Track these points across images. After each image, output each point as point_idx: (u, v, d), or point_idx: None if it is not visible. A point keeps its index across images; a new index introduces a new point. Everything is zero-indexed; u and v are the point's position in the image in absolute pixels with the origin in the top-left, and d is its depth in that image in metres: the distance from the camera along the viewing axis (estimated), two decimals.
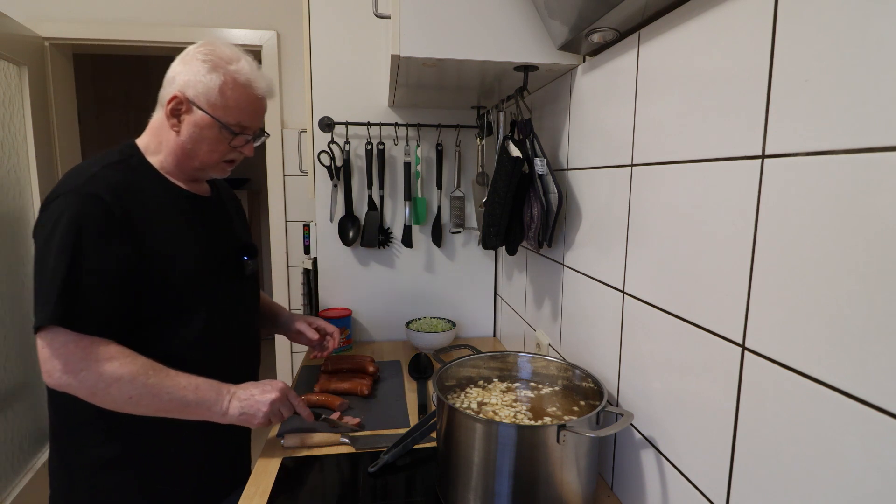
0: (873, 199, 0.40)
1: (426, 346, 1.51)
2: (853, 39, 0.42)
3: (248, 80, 0.89)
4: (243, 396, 0.88)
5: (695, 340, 0.64)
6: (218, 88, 0.87)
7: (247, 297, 1.04)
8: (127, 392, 0.79)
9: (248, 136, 0.94)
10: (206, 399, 0.84)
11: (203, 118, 0.88)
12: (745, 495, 0.55)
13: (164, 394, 0.81)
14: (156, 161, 0.92)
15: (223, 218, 1.02)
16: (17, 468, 1.79)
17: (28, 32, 1.94)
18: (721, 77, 0.58)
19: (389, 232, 1.61)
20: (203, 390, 0.84)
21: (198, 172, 0.95)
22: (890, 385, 0.39)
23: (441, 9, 0.90)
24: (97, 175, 0.83)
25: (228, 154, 0.93)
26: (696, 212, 0.63)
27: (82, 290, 0.77)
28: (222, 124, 0.88)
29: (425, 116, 1.55)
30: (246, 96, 0.90)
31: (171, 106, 0.87)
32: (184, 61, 0.88)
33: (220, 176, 0.98)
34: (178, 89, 0.87)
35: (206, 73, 0.86)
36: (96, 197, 0.80)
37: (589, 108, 0.94)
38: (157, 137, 0.92)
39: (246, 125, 0.92)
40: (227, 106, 0.88)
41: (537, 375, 0.98)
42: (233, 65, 0.88)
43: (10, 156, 1.82)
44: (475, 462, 0.74)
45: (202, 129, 0.88)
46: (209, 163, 0.92)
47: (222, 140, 0.90)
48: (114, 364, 0.78)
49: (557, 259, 1.11)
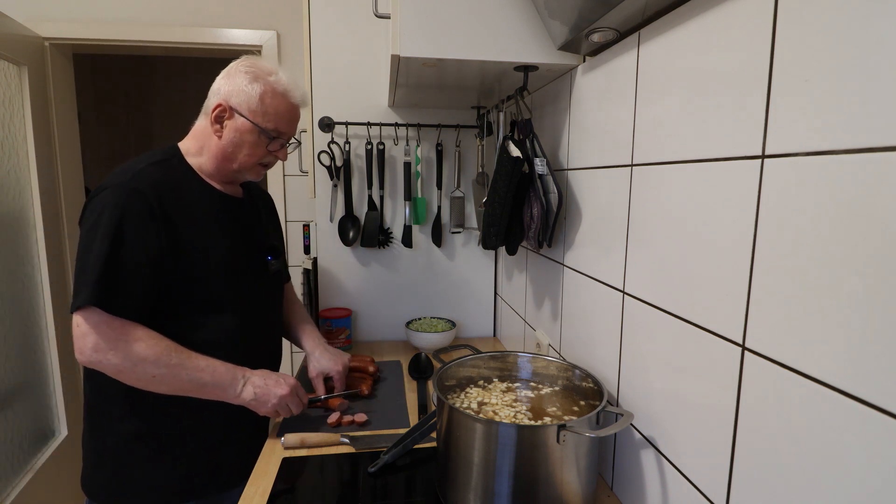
0: (873, 199, 0.40)
1: (426, 346, 1.51)
2: (853, 39, 0.42)
3: (285, 90, 0.98)
4: (258, 384, 0.95)
5: (695, 340, 0.64)
6: (258, 97, 0.96)
7: (270, 295, 1.12)
8: (151, 371, 0.86)
9: (283, 141, 1.02)
10: (222, 382, 0.92)
11: (244, 124, 0.96)
12: (745, 495, 0.55)
13: (184, 374, 0.88)
14: (195, 163, 1.00)
15: (253, 219, 1.10)
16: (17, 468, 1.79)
17: (28, 32, 1.94)
18: (721, 77, 0.58)
19: (389, 232, 1.61)
20: (219, 373, 0.91)
21: (235, 175, 1.02)
22: (890, 385, 0.39)
23: (441, 9, 0.90)
24: (141, 172, 0.91)
25: (265, 158, 1.01)
26: (696, 212, 0.63)
27: (120, 275, 0.85)
28: (261, 129, 0.97)
29: (425, 116, 1.55)
30: (283, 104, 0.98)
31: (216, 113, 0.96)
32: (228, 74, 0.98)
33: (254, 178, 1.06)
34: (223, 98, 0.96)
35: (248, 84, 0.96)
36: (138, 191, 0.88)
37: (589, 108, 0.94)
38: (200, 142, 1.01)
39: (282, 131, 1.00)
40: (266, 112, 0.97)
41: (537, 375, 0.98)
42: (272, 76, 0.97)
43: (10, 156, 1.82)
44: (475, 462, 0.74)
45: (242, 134, 0.97)
46: (246, 165, 1.00)
47: (260, 144, 0.99)
48: (140, 345, 0.85)
49: (557, 259, 1.11)
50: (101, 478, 0.96)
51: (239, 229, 1.04)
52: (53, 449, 1.96)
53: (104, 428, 0.96)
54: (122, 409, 0.94)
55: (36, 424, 1.93)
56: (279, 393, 0.95)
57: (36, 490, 1.82)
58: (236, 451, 1.03)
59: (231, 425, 1.02)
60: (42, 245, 1.95)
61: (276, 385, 0.96)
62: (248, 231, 1.07)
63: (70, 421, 2.08)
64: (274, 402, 0.95)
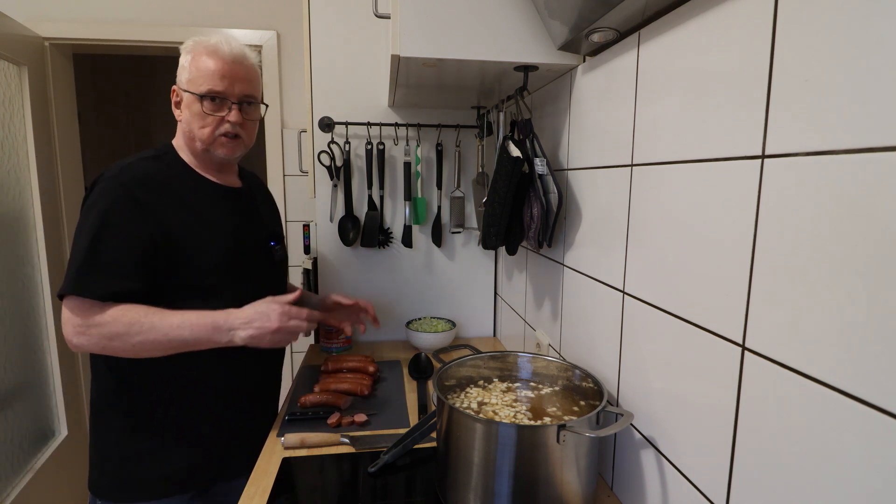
0: (873, 199, 0.40)
1: (426, 346, 1.51)
2: (853, 39, 0.42)
3: (213, 48, 0.96)
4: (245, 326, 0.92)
5: (695, 340, 0.64)
6: (188, 65, 0.96)
7: (275, 283, 1.12)
8: (129, 341, 0.87)
9: (228, 102, 0.98)
10: (203, 334, 0.91)
11: (187, 97, 0.97)
12: (745, 495, 0.55)
13: (162, 336, 0.88)
14: (186, 156, 1.02)
15: (252, 207, 1.10)
16: (17, 468, 1.79)
17: (28, 32, 1.94)
18: (721, 77, 0.58)
19: (389, 232, 1.61)
20: (198, 326, 0.90)
21: (208, 154, 1.01)
22: (890, 385, 0.39)
23: (441, 9, 0.90)
24: (129, 166, 0.94)
25: (220, 127, 0.98)
26: (697, 212, 0.63)
27: (99, 261, 0.87)
28: (196, 95, 0.96)
29: (425, 116, 1.55)
30: (211, 62, 0.96)
31: (174, 100, 0.99)
32: None
33: (225, 154, 1.01)
34: (176, 84, 0.99)
35: (183, 58, 0.97)
36: (124, 185, 0.90)
37: (589, 108, 0.94)
38: (179, 133, 1.03)
39: (218, 90, 0.96)
40: (197, 77, 0.96)
41: (537, 375, 0.98)
42: (202, 43, 0.97)
43: (10, 156, 1.82)
44: (475, 462, 0.74)
45: (188, 108, 0.97)
46: (206, 139, 0.98)
47: (203, 110, 0.97)
48: (108, 320, 0.87)
49: (557, 259, 1.11)
50: (107, 474, 0.97)
51: (239, 219, 1.05)
52: (53, 449, 1.96)
53: (108, 424, 0.97)
54: (124, 403, 0.95)
55: (36, 424, 1.93)
56: (272, 328, 0.93)
57: (36, 490, 1.82)
58: (243, 440, 1.04)
59: (237, 414, 1.03)
60: (42, 245, 1.95)
61: (266, 321, 0.93)
62: (248, 220, 1.07)
63: (70, 421, 2.08)
64: (269, 339, 0.93)
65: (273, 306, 0.95)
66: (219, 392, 1.00)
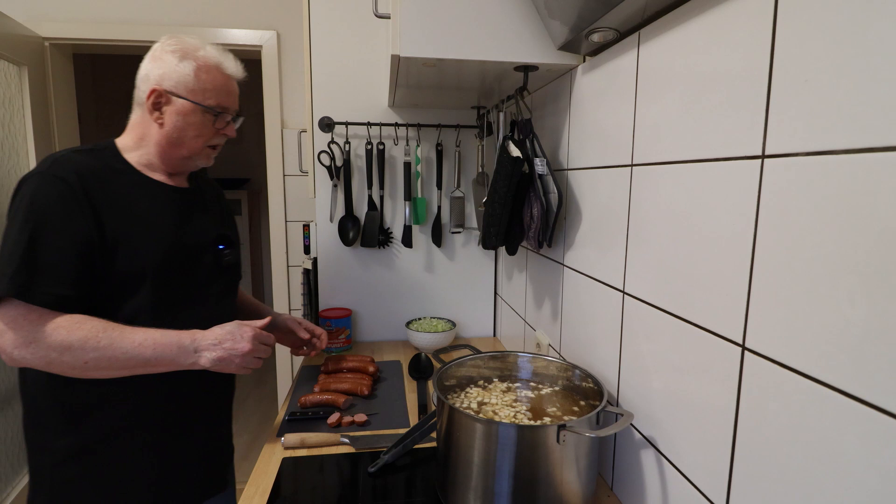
0: (873, 199, 0.40)
1: (426, 346, 1.51)
2: (853, 39, 0.42)
3: (217, 63, 0.94)
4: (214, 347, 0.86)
5: (695, 340, 0.64)
6: (193, 74, 0.91)
7: (223, 288, 1.03)
8: (81, 357, 0.80)
9: (227, 118, 0.97)
10: (166, 354, 0.84)
11: (185, 105, 0.92)
12: (745, 495, 0.55)
13: (121, 353, 0.81)
14: (134, 157, 0.94)
15: (200, 209, 1.02)
16: (17, 468, 1.79)
17: (28, 32, 1.94)
18: (721, 77, 0.58)
19: (389, 232, 1.61)
20: (161, 345, 0.84)
21: (185, 162, 0.97)
22: (890, 385, 0.39)
23: (441, 9, 0.90)
24: (62, 158, 0.87)
25: (212, 139, 0.97)
26: (696, 212, 0.63)
27: (40, 263, 0.80)
28: (204, 107, 0.93)
29: (425, 116, 1.55)
30: (219, 77, 0.94)
31: (152, 100, 0.91)
32: (153, 58, 0.92)
33: (205, 163, 1.00)
34: (155, 83, 0.90)
35: (179, 63, 0.91)
36: (59, 178, 0.83)
37: (589, 108, 0.94)
38: (137, 134, 0.95)
39: (225, 105, 0.96)
40: (204, 89, 0.92)
41: (537, 375, 0.98)
42: (201, 51, 0.93)
43: (10, 156, 1.82)
44: (475, 462, 0.74)
45: (185, 116, 0.92)
46: (195, 149, 0.95)
47: (206, 123, 0.94)
48: (61, 332, 0.79)
49: (557, 259, 1.11)
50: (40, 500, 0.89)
51: (183, 221, 0.97)
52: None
53: (40, 446, 0.89)
54: (57, 424, 0.87)
55: None
56: (243, 351, 0.87)
57: None
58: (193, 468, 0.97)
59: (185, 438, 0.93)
60: None
61: (237, 343, 0.87)
62: (194, 222, 0.99)
63: None
64: (238, 361, 0.87)
65: (245, 329, 0.89)
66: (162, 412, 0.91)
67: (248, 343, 0.88)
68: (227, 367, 0.87)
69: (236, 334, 0.88)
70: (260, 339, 0.90)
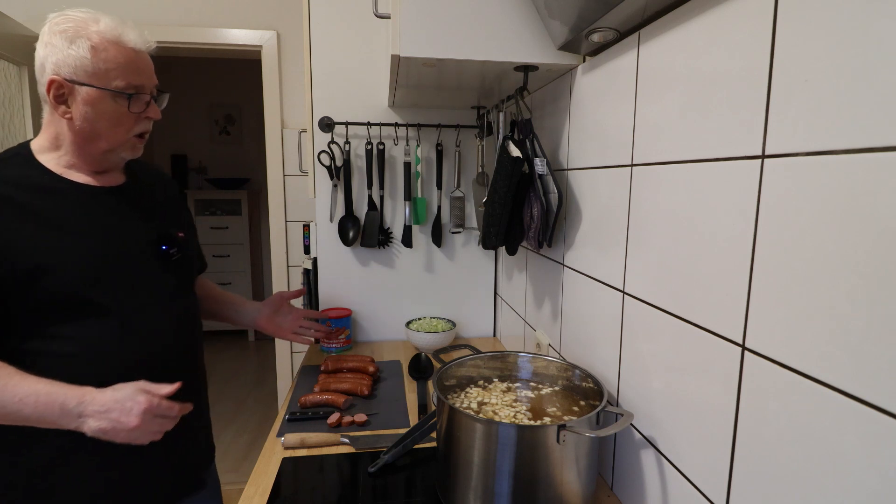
0: (873, 199, 0.40)
1: (426, 346, 1.51)
2: (853, 39, 0.42)
3: (116, 36, 0.81)
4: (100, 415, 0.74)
5: (695, 340, 0.64)
6: (90, 55, 0.78)
7: (175, 290, 0.94)
8: None
9: (145, 98, 0.85)
10: (48, 415, 0.73)
11: (90, 93, 0.80)
12: (745, 495, 0.55)
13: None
14: (52, 158, 0.85)
15: (135, 208, 0.92)
16: None
17: (28, 32, 1.94)
18: (721, 77, 0.58)
19: (389, 232, 1.61)
20: (42, 405, 0.73)
21: (109, 156, 0.87)
22: (890, 385, 0.39)
23: (441, 9, 0.90)
24: None
25: (135, 127, 0.86)
26: (697, 212, 0.63)
27: None
28: (113, 91, 0.81)
29: (425, 116, 1.55)
30: (122, 52, 0.81)
31: (53, 93, 0.79)
32: (43, 44, 0.80)
33: (132, 155, 0.89)
34: (52, 73, 0.78)
35: (70, 45, 0.78)
36: None
37: (589, 108, 0.94)
38: (52, 133, 0.84)
39: (137, 83, 0.83)
40: (107, 70, 0.80)
41: (537, 375, 0.98)
42: (93, 26, 0.79)
43: None
44: (475, 462, 0.74)
45: (94, 105, 0.80)
46: (117, 140, 0.85)
47: (119, 109, 0.82)
48: None
49: (557, 259, 1.11)
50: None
51: (113, 220, 0.87)
52: None
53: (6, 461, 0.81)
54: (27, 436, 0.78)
55: None
56: (129, 426, 0.74)
57: None
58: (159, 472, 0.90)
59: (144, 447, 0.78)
60: None
61: (124, 415, 0.74)
62: (125, 220, 0.89)
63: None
64: (123, 436, 0.75)
65: (139, 399, 0.75)
66: None
67: (136, 418, 0.74)
68: (116, 439, 0.75)
69: (126, 405, 0.74)
70: (155, 412, 0.76)
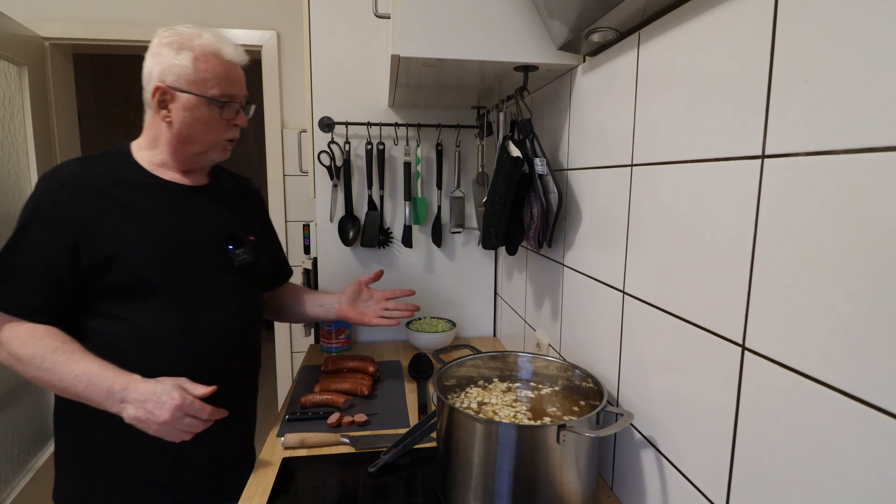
0: (873, 199, 0.40)
1: (426, 346, 1.51)
2: (853, 39, 0.42)
3: (215, 49, 0.91)
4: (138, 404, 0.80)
5: (695, 340, 0.64)
6: (191, 65, 0.89)
7: (234, 290, 0.99)
8: (29, 372, 0.82)
9: (236, 107, 0.95)
10: (95, 396, 0.81)
11: (189, 100, 0.90)
12: (745, 495, 0.55)
13: (56, 380, 0.81)
14: (147, 156, 0.95)
15: (213, 207, 1.00)
16: (17, 468, 1.79)
17: (28, 32, 1.94)
18: (721, 77, 0.58)
19: (389, 232, 1.61)
20: (93, 385, 0.81)
21: (200, 158, 0.97)
22: (890, 385, 0.39)
23: (441, 9, 0.90)
24: (62, 167, 0.89)
25: (226, 132, 0.96)
26: (696, 212, 0.63)
27: (14, 272, 0.83)
28: (208, 98, 0.91)
29: (425, 116, 1.55)
30: (219, 64, 0.91)
31: (157, 99, 0.90)
32: (152, 54, 0.91)
33: (221, 158, 0.99)
34: (158, 80, 0.89)
35: (176, 55, 0.89)
36: (52, 188, 0.86)
37: (589, 108, 0.94)
38: (152, 135, 0.95)
39: (230, 93, 0.93)
40: (205, 79, 0.90)
41: (537, 375, 0.98)
42: (196, 40, 0.90)
43: (10, 156, 1.82)
44: (475, 462, 0.74)
45: (192, 111, 0.91)
46: (209, 143, 0.95)
47: (213, 116, 0.92)
48: (15, 343, 0.82)
49: (557, 259, 1.11)
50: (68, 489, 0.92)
51: (186, 217, 0.95)
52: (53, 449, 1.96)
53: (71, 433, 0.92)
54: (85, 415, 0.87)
55: (36, 424, 1.93)
56: (160, 419, 0.79)
57: (36, 490, 1.81)
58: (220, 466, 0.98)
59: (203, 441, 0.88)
60: None
61: (157, 408, 0.79)
62: (198, 219, 0.97)
63: None
64: (154, 428, 0.80)
65: (174, 394, 0.80)
66: None
67: (168, 413, 0.79)
68: (147, 430, 0.81)
69: (162, 398, 0.79)
70: (186, 411, 0.80)
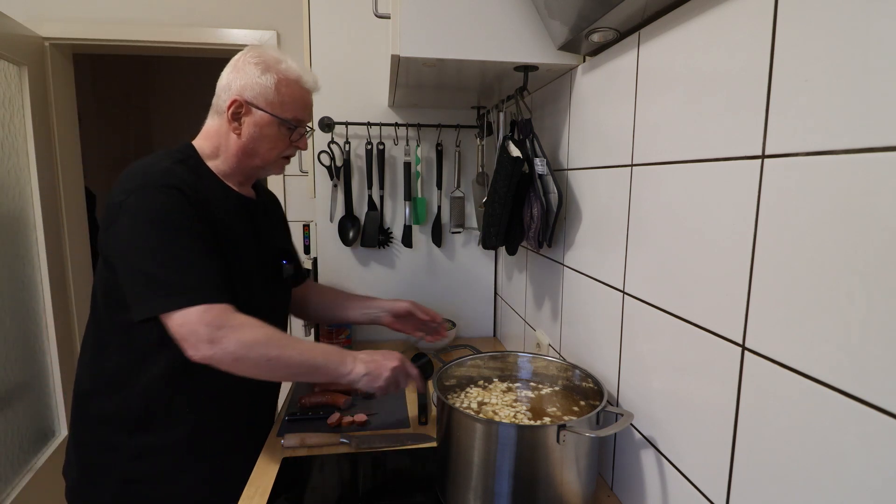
0: (874, 199, 0.40)
1: (426, 346, 1.51)
2: (853, 39, 0.42)
3: (298, 77, 0.96)
4: (367, 359, 0.92)
5: (695, 340, 0.64)
6: (274, 87, 0.93)
7: (279, 300, 1.09)
8: (266, 354, 0.83)
9: (302, 131, 1.00)
10: (332, 361, 0.89)
11: (263, 117, 0.94)
12: (745, 495, 0.55)
13: (296, 355, 0.85)
14: (212, 165, 0.98)
15: (266, 222, 1.07)
16: (17, 468, 1.79)
17: (28, 32, 1.94)
18: (721, 77, 0.58)
19: (389, 232, 1.61)
20: (329, 353, 0.90)
21: (257, 171, 1.01)
22: (890, 385, 0.39)
23: (441, 9, 0.90)
24: (170, 170, 0.88)
25: (286, 150, 1.00)
26: (697, 212, 0.63)
27: (196, 268, 0.83)
28: (281, 120, 0.95)
29: (425, 116, 1.55)
30: (299, 91, 0.97)
31: (232, 110, 0.93)
32: (236, 68, 0.94)
33: (276, 173, 1.04)
34: (237, 94, 0.93)
35: (261, 75, 0.93)
36: (177, 188, 0.85)
37: (589, 108, 0.94)
38: (215, 143, 0.97)
39: (301, 119, 0.99)
40: (283, 102, 0.94)
41: (537, 375, 0.98)
42: (282, 64, 0.95)
43: (10, 156, 1.82)
44: (475, 462, 0.74)
45: (262, 128, 0.94)
46: (269, 160, 0.98)
47: (282, 136, 0.97)
48: (246, 330, 0.83)
49: (557, 259, 1.11)
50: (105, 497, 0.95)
51: (255, 233, 1.01)
52: (53, 449, 1.96)
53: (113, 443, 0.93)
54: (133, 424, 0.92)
55: (36, 424, 1.93)
56: (391, 365, 0.92)
57: (36, 490, 1.82)
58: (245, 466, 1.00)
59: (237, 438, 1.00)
60: (42, 245, 1.95)
61: (386, 358, 0.93)
62: (263, 234, 1.04)
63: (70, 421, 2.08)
64: (387, 374, 0.92)
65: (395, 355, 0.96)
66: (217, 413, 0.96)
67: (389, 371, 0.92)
68: (372, 384, 0.91)
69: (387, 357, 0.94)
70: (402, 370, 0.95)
